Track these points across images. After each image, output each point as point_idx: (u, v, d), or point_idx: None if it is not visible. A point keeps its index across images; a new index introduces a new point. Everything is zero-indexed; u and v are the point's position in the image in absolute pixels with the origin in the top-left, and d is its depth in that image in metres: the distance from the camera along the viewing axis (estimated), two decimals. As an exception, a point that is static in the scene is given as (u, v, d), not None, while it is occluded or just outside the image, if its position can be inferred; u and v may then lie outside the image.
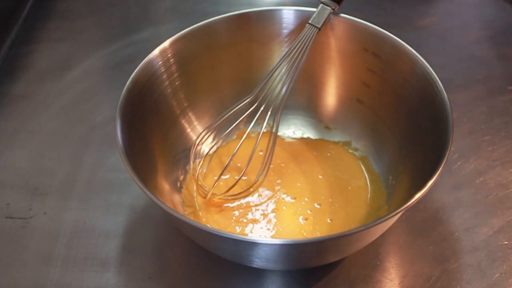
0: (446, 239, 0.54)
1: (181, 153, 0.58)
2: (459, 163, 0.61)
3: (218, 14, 0.58)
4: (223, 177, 0.58)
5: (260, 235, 0.53)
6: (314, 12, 0.57)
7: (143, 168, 0.49)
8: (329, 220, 0.54)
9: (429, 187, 0.43)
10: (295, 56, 0.55)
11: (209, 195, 0.55)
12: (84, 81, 0.73)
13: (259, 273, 0.52)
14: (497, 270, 0.52)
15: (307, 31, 0.56)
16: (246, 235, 0.53)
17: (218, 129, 0.61)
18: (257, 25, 0.60)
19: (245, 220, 0.54)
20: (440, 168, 0.43)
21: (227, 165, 0.56)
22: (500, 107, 0.67)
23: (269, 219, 0.54)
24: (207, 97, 0.61)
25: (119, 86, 0.51)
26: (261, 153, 0.61)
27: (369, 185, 0.57)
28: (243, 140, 0.57)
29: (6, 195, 0.59)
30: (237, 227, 0.54)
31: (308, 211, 0.55)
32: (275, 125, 0.56)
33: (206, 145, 0.61)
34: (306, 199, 0.56)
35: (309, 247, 0.44)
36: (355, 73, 0.59)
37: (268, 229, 0.54)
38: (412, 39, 0.55)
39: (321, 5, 0.56)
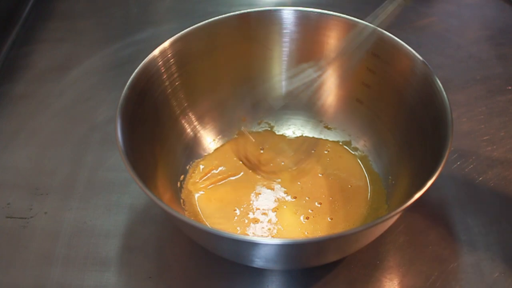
0: (446, 239, 0.54)
1: (181, 153, 0.59)
2: (458, 163, 0.61)
3: (218, 14, 0.58)
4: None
5: (261, 235, 0.53)
6: (314, 12, 0.57)
7: (143, 168, 0.49)
8: (330, 219, 0.54)
9: (428, 187, 0.43)
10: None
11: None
12: (84, 81, 0.73)
13: (259, 273, 0.52)
14: (496, 269, 0.52)
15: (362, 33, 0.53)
16: (247, 235, 0.53)
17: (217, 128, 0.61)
18: (257, 25, 0.60)
19: (246, 220, 0.54)
20: (440, 168, 0.44)
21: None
22: (500, 107, 0.67)
23: (269, 219, 0.54)
24: (207, 97, 0.61)
25: (119, 86, 0.51)
26: (262, 151, 0.61)
27: (369, 185, 0.57)
28: (244, 139, 0.57)
29: (7, 195, 0.59)
30: (238, 227, 0.54)
31: (309, 210, 0.55)
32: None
33: (206, 144, 0.61)
34: (306, 198, 0.56)
35: (308, 247, 0.44)
36: (355, 73, 0.59)
37: (269, 228, 0.54)
38: (412, 39, 0.56)
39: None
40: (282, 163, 0.60)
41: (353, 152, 0.60)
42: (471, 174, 0.60)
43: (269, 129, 0.63)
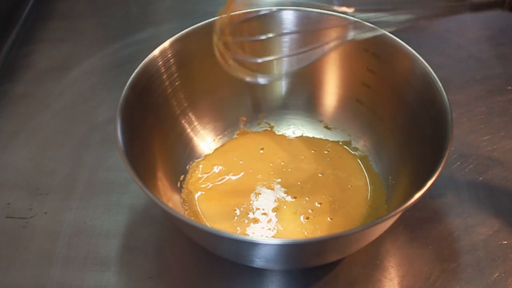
0: (446, 239, 0.54)
1: (181, 153, 0.59)
2: (458, 163, 0.61)
3: (218, 14, 0.58)
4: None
5: (261, 235, 0.53)
6: (314, 12, 0.57)
7: (143, 168, 0.49)
8: (330, 219, 0.54)
9: (428, 187, 0.43)
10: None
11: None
12: (84, 81, 0.73)
13: (259, 272, 0.52)
14: (496, 269, 0.52)
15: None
16: (247, 235, 0.53)
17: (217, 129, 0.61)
18: (257, 25, 0.60)
19: (246, 220, 0.54)
20: (440, 168, 0.44)
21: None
22: (499, 107, 0.67)
23: (269, 219, 0.54)
24: (207, 97, 0.61)
25: (119, 86, 0.51)
26: (261, 151, 0.61)
27: (369, 185, 0.57)
28: (244, 139, 0.57)
29: (7, 195, 0.59)
30: (238, 227, 0.54)
31: (309, 210, 0.55)
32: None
33: (206, 144, 0.61)
34: (306, 198, 0.56)
35: (308, 247, 0.44)
36: (355, 73, 0.59)
37: (269, 228, 0.54)
38: (412, 39, 0.55)
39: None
40: (282, 163, 0.60)
41: (353, 152, 0.60)
42: (471, 174, 0.60)
43: (269, 129, 0.63)
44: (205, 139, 0.61)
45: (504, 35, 0.78)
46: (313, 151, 0.61)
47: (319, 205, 0.55)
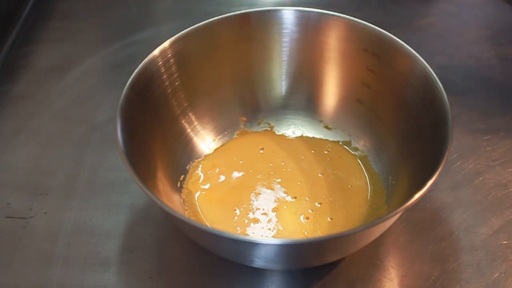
0: (446, 239, 0.54)
1: (181, 153, 0.59)
2: (458, 163, 0.61)
3: (218, 14, 0.58)
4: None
5: (261, 235, 0.53)
6: (314, 12, 0.57)
7: (143, 168, 0.49)
8: (330, 219, 0.54)
9: (428, 187, 0.43)
10: None
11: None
12: (84, 81, 0.73)
13: (259, 273, 0.52)
14: (496, 269, 0.52)
15: None
16: (247, 235, 0.53)
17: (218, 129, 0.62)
18: (257, 25, 0.60)
19: (246, 220, 0.54)
20: (440, 168, 0.44)
21: None
22: (499, 107, 0.67)
23: (269, 219, 0.54)
24: (207, 97, 0.61)
25: (119, 86, 0.51)
26: (261, 151, 0.61)
27: (369, 185, 0.57)
28: (244, 139, 0.57)
29: (7, 195, 0.59)
30: (237, 227, 0.54)
31: (309, 210, 0.55)
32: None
33: (206, 144, 0.61)
34: (306, 198, 0.56)
35: (308, 247, 0.44)
36: (354, 73, 0.59)
37: (269, 228, 0.54)
38: (412, 39, 0.56)
39: None
40: (282, 163, 0.60)
41: (353, 152, 0.61)
42: (471, 174, 0.60)
43: (269, 129, 0.63)
44: (205, 139, 0.61)
45: (504, 35, 0.78)
46: (313, 151, 0.61)
47: (319, 205, 0.55)
